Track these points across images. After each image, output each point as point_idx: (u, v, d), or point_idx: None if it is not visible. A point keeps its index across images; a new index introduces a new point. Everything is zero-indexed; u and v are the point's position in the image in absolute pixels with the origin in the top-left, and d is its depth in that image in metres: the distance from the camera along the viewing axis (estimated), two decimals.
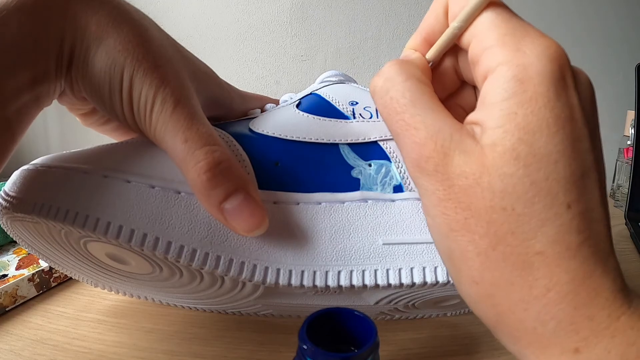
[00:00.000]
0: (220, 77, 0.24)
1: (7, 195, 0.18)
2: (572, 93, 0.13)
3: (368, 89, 0.24)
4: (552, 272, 0.12)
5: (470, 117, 0.14)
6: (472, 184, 0.12)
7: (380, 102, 0.15)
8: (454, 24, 0.14)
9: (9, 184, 0.18)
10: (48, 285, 0.28)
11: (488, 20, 0.13)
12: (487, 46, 0.13)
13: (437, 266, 0.18)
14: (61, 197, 0.17)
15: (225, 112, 0.24)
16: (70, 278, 0.29)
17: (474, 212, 0.12)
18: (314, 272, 0.17)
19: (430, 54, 0.16)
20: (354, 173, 0.20)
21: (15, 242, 0.32)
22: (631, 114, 0.52)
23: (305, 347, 0.13)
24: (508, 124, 0.12)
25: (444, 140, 0.13)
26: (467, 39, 0.14)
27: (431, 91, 0.15)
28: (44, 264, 0.28)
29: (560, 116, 0.12)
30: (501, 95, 0.12)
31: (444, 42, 0.15)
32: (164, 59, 0.17)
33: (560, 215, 0.12)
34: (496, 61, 0.13)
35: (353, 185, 0.19)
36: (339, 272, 0.17)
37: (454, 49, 0.16)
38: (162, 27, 0.19)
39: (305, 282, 0.17)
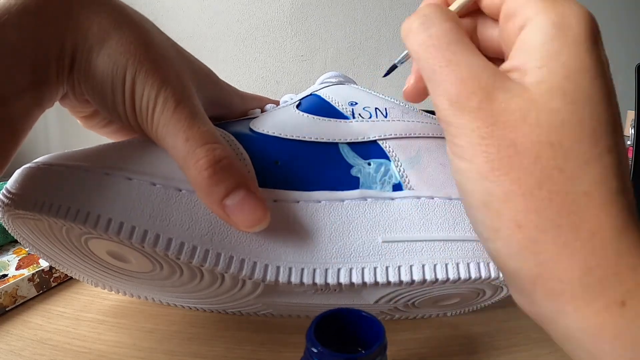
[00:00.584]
0: (221, 77, 0.24)
1: (9, 192, 0.18)
2: (602, 48, 0.13)
3: (367, 90, 0.25)
4: (597, 215, 0.12)
5: (505, 65, 0.14)
6: (518, 119, 0.12)
7: (417, 40, 0.15)
8: None
9: (11, 182, 0.18)
10: (48, 285, 0.28)
11: None
12: (524, 1, 0.13)
13: (437, 264, 0.18)
14: (62, 195, 0.17)
15: (225, 112, 0.24)
16: (70, 278, 0.29)
17: (519, 149, 0.12)
18: (314, 270, 0.17)
19: (454, 7, 0.16)
20: (354, 172, 0.20)
21: (15, 242, 0.33)
22: (631, 114, 0.52)
23: (314, 349, 0.13)
24: (552, 63, 0.12)
25: (487, 78, 0.13)
26: (496, 2, 0.15)
27: (467, 35, 0.15)
28: (44, 264, 0.28)
29: (598, 64, 0.12)
30: (542, 39, 0.13)
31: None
32: (165, 60, 0.17)
33: (603, 157, 0.12)
34: (534, 11, 0.13)
35: (352, 183, 0.19)
36: (339, 270, 0.17)
37: (474, 17, 0.17)
38: (162, 28, 0.20)
39: (305, 280, 0.17)
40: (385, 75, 0.21)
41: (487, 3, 0.15)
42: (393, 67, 0.20)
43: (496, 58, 0.16)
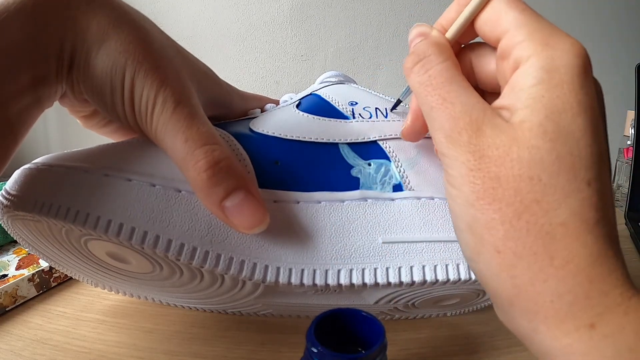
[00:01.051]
0: (221, 77, 0.24)
1: (8, 193, 0.18)
2: (592, 85, 0.14)
3: (368, 90, 0.25)
4: (572, 245, 0.13)
5: (497, 102, 0.15)
6: (502, 154, 0.13)
7: (417, 80, 0.16)
8: (470, 5, 0.16)
9: (10, 183, 0.18)
10: (48, 285, 0.28)
11: (517, 19, 0.15)
12: (518, 41, 0.14)
13: (437, 265, 0.18)
14: (62, 196, 0.17)
15: (225, 112, 0.24)
16: (70, 278, 0.29)
17: (502, 182, 0.13)
18: (314, 271, 0.17)
19: (449, 35, 0.17)
20: (354, 172, 0.20)
21: (15, 242, 0.33)
22: (631, 114, 0.52)
23: (314, 349, 0.13)
24: (535, 105, 0.13)
25: (477, 115, 0.14)
26: (494, 34, 0.16)
27: (462, 74, 0.16)
28: (44, 264, 0.28)
29: (582, 102, 0.13)
30: (530, 82, 0.14)
31: (461, 24, 0.17)
32: (165, 60, 0.17)
33: (582, 191, 0.13)
34: (527, 54, 0.14)
35: (353, 184, 0.19)
36: (339, 271, 0.17)
37: (470, 51, 0.18)
38: (162, 28, 0.20)
39: (305, 281, 0.17)
40: (392, 109, 0.23)
41: (485, 31, 0.16)
42: (398, 102, 0.22)
43: (493, 93, 0.17)
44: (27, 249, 0.22)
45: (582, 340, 0.12)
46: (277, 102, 0.26)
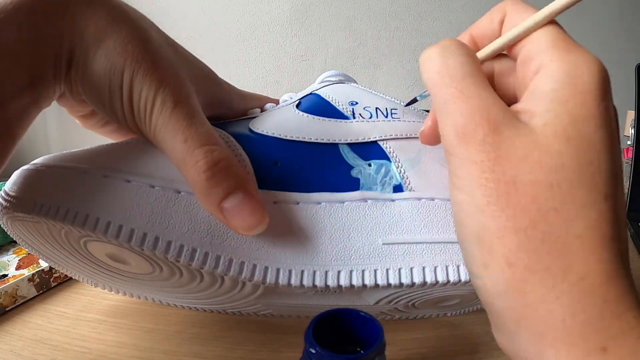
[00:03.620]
0: (221, 77, 0.24)
1: (8, 195, 0.18)
2: (611, 99, 0.14)
3: (368, 89, 0.24)
4: (587, 260, 0.12)
5: (516, 106, 0.14)
6: (521, 157, 0.13)
7: (434, 68, 0.15)
8: (512, 32, 0.15)
9: (9, 184, 0.18)
10: (48, 285, 0.28)
11: (543, 30, 0.15)
12: (542, 48, 0.14)
13: (437, 266, 0.18)
14: (61, 197, 0.17)
15: (225, 111, 0.24)
16: (70, 278, 0.29)
17: (518, 186, 0.12)
18: (314, 272, 0.17)
19: (482, 54, 0.16)
20: (354, 173, 0.20)
21: (15, 242, 0.32)
22: (631, 114, 0.52)
23: (312, 350, 0.13)
24: (559, 108, 0.13)
25: (496, 114, 0.13)
26: (518, 45, 0.15)
27: (482, 71, 0.15)
28: (44, 264, 0.28)
29: (604, 115, 0.13)
30: (552, 85, 0.13)
31: (498, 47, 0.16)
32: (163, 60, 0.17)
33: (599, 203, 0.12)
34: (549, 58, 0.14)
35: (353, 185, 0.19)
36: (339, 272, 0.17)
37: (492, 62, 0.17)
38: (162, 27, 0.20)
39: (305, 282, 0.17)
40: (407, 105, 0.22)
41: (514, 50, 0.16)
42: (414, 100, 0.21)
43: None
44: (26, 250, 0.22)
45: None
46: (277, 102, 0.26)
